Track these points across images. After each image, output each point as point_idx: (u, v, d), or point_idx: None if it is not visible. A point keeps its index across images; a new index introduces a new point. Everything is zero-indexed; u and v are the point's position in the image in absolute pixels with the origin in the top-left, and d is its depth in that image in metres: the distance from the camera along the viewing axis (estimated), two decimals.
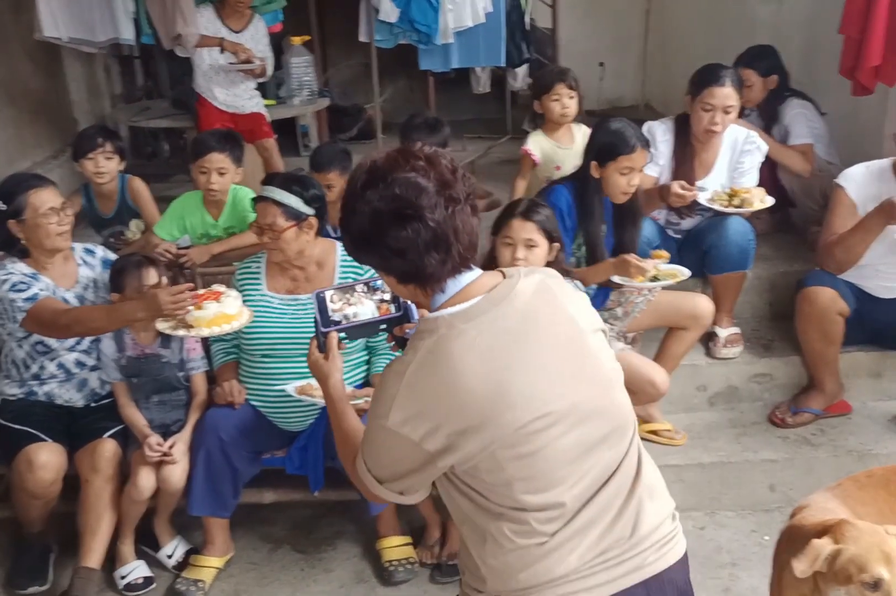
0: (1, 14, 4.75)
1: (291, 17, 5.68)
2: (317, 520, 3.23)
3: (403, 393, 1.47)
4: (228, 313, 2.64)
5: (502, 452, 1.46)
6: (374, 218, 1.49)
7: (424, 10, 4.63)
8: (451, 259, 1.50)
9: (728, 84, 3.29)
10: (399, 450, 1.50)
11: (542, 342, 1.50)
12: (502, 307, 1.50)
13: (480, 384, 1.44)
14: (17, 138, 4.87)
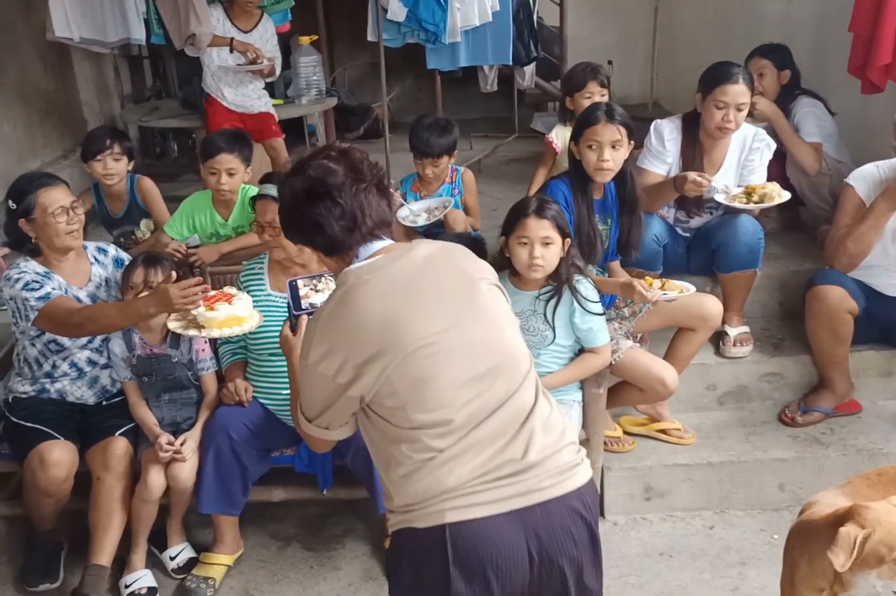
0: (12, 15, 4.77)
1: (300, 17, 5.69)
2: (326, 518, 3.24)
3: (318, 334, 1.74)
4: (240, 315, 2.65)
5: (397, 376, 1.68)
6: (293, 198, 1.82)
7: (432, 9, 4.63)
8: (359, 230, 1.79)
9: (741, 81, 3.27)
10: (318, 386, 1.76)
11: (434, 287, 1.75)
12: (401, 261, 1.77)
13: (377, 319, 1.69)
14: (28, 138, 4.89)
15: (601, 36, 7.12)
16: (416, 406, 1.69)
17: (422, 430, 1.69)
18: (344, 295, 1.74)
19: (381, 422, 1.74)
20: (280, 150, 4.67)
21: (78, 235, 2.91)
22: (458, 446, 1.68)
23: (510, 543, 1.66)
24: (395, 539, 1.79)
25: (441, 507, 1.67)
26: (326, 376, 1.72)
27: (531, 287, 2.82)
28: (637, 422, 3.37)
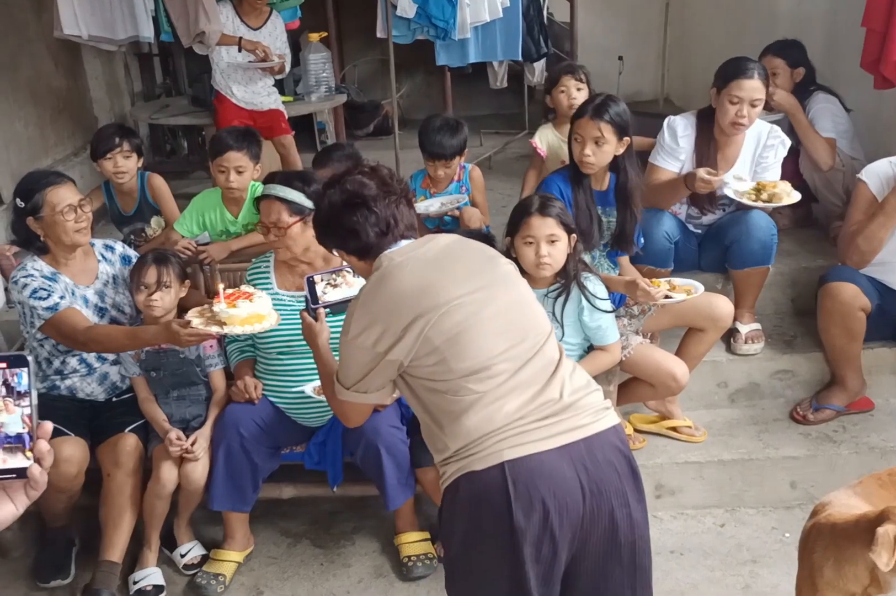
0: (23, 13, 4.78)
1: (309, 14, 5.68)
2: (336, 515, 3.24)
3: (359, 311, 1.91)
4: (261, 313, 2.64)
5: (434, 333, 1.82)
6: (332, 208, 2.05)
7: (442, 5, 4.62)
8: (391, 233, 2.01)
9: (756, 77, 3.25)
10: (358, 357, 1.90)
11: (461, 261, 1.97)
12: (427, 245, 1.99)
13: (413, 289, 1.87)
14: (39, 136, 4.90)
15: (612, 32, 7.09)
16: (456, 357, 1.82)
17: (465, 377, 1.82)
18: (381, 275, 1.93)
19: (425, 382, 1.88)
20: (290, 148, 4.67)
21: (86, 233, 2.91)
22: (501, 389, 1.82)
23: (564, 476, 1.78)
24: (451, 490, 1.86)
25: (498, 447, 1.78)
26: (366, 347, 1.87)
27: (539, 285, 2.81)
28: (648, 419, 3.36)
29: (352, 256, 2.07)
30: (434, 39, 4.84)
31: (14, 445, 1.04)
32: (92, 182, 4.92)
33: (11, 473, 1.04)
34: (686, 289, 3.03)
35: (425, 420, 1.93)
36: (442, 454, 1.89)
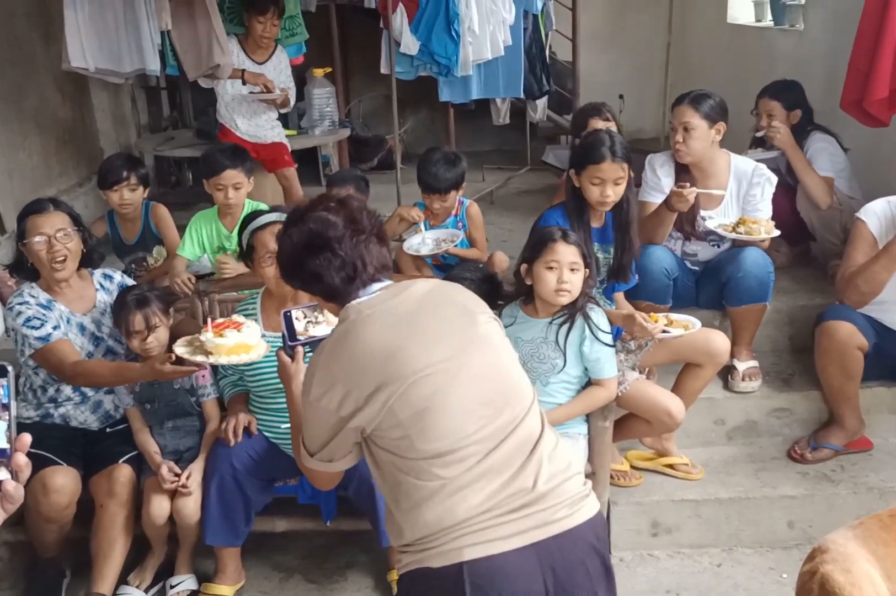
0: (31, 45, 4.86)
1: (316, 50, 5.77)
2: (329, 550, 3.21)
3: (321, 370, 1.76)
4: (248, 343, 2.64)
5: (399, 406, 1.67)
6: (293, 250, 1.86)
7: (444, 42, 4.68)
8: (359, 278, 1.83)
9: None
10: (321, 419, 1.76)
11: (434, 318, 1.78)
12: (401, 297, 1.80)
13: (379, 351, 1.70)
14: (44, 166, 4.95)
15: (614, 71, 7.19)
16: (421, 436, 1.67)
17: (428, 459, 1.67)
18: (345, 330, 1.77)
19: (387, 454, 1.72)
20: (292, 180, 4.71)
21: (61, 267, 2.87)
22: (468, 475, 1.66)
23: (527, 579, 1.63)
24: (406, 581, 1.74)
25: (458, 543, 1.63)
26: (329, 410, 1.72)
27: (543, 314, 2.81)
28: (644, 456, 3.34)
29: (319, 297, 1.92)
30: (437, 76, 4.91)
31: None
32: (97, 211, 4.96)
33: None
34: (684, 324, 3.04)
35: (384, 492, 1.80)
36: (398, 540, 1.76)
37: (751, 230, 3.31)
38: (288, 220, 1.91)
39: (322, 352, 1.78)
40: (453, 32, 4.65)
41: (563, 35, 6.41)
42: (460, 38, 4.67)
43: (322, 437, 1.78)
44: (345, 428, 1.72)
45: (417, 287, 1.85)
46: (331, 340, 1.79)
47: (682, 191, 3.19)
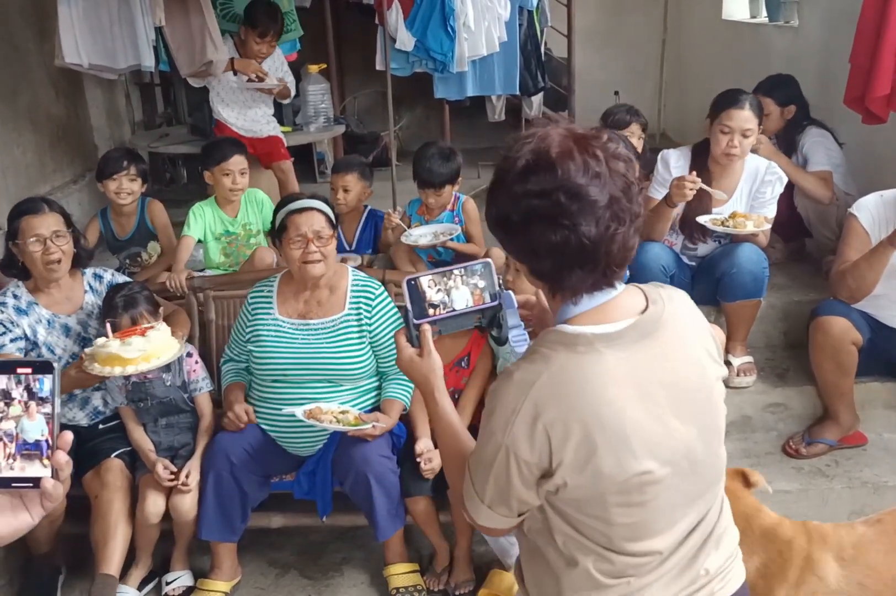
0: (24, 42, 4.84)
1: (310, 47, 5.76)
2: (325, 546, 3.21)
3: (528, 408, 1.33)
4: (157, 347, 2.58)
5: (612, 496, 1.36)
6: (525, 213, 1.33)
7: (440, 39, 4.68)
8: (593, 276, 1.36)
9: (746, 107, 3.31)
10: (510, 469, 1.37)
11: (672, 387, 1.38)
12: (646, 341, 1.37)
13: (609, 418, 1.32)
14: (38, 163, 4.93)
15: (609, 68, 7.19)
16: (624, 532, 1.40)
17: (624, 556, 1.41)
18: (570, 366, 1.35)
19: (569, 529, 1.42)
20: (289, 173, 4.71)
21: (55, 267, 2.87)
22: (655, 574, 1.44)
23: None
24: None
25: None
26: (524, 460, 1.35)
27: None
28: None
29: (523, 265, 1.44)
30: (432, 72, 4.91)
31: (32, 452, 1.01)
32: (91, 210, 4.96)
33: (28, 482, 1.00)
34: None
35: (538, 572, 1.50)
36: None
37: (737, 224, 3.31)
38: (531, 166, 1.32)
39: (533, 382, 1.34)
40: (449, 28, 4.66)
41: (558, 31, 6.41)
42: (456, 35, 4.67)
43: (505, 488, 1.40)
44: (537, 487, 1.39)
45: (662, 325, 1.39)
46: (550, 370, 1.35)
47: (683, 181, 3.19)
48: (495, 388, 1.41)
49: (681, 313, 1.44)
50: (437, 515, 2.89)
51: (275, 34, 4.57)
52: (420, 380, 1.53)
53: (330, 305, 2.86)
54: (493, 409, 1.39)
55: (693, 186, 3.20)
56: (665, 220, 3.39)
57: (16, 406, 1.01)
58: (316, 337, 2.84)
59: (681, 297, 1.48)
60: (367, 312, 2.85)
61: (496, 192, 1.38)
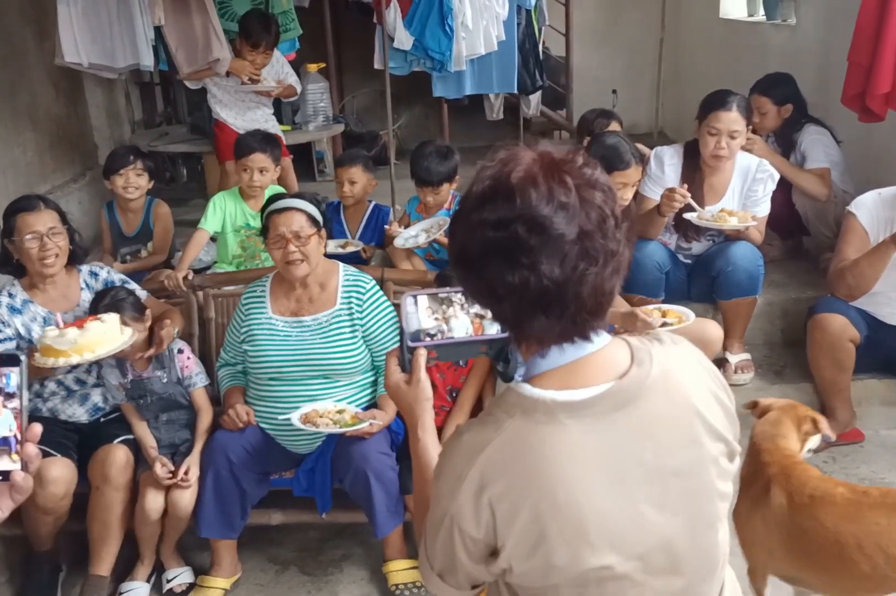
0: (24, 41, 4.85)
1: (309, 46, 5.77)
2: (324, 542, 3.22)
3: (473, 477, 1.16)
4: (55, 348, 2.58)
5: (565, 589, 1.18)
6: (481, 247, 1.14)
7: (438, 38, 4.70)
8: (560, 324, 1.14)
9: (734, 109, 3.32)
10: (454, 540, 1.21)
11: (653, 470, 1.17)
12: (622, 411, 1.16)
13: (564, 503, 1.14)
14: (39, 162, 4.94)
15: (607, 66, 7.20)
16: None
17: None
18: (525, 434, 1.16)
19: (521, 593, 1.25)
20: (288, 170, 4.73)
21: (51, 264, 2.87)
22: None
23: None
24: None
25: None
26: (471, 536, 1.19)
27: None
28: None
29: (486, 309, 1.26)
30: (430, 71, 4.92)
31: (2, 447, 1.02)
32: (91, 209, 4.98)
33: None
34: (678, 316, 3.04)
35: None
36: None
37: (718, 218, 3.31)
38: (488, 192, 1.15)
39: (481, 448, 1.17)
40: (447, 27, 4.67)
41: (556, 30, 6.43)
42: (454, 34, 4.68)
43: (451, 560, 1.24)
44: (484, 565, 1.22)
45: (646, 392, 1.17)
46: (501, 436, 1.16)
47: (674, 194, 3.21)
48: (446, 445, 1.25)
49: (675, 377, 1.21)
50: None
51: (268, 45, 4.57)
52: (404, 409, 1.39)
53: (321, 302, 2.88)
54: (441, 469, 1.23)
55: (682, 201, 3.23)
56: (657, 225, 3.41)
57: None
58: (309, 334, 2.85)
59: (682, 352, 1.26)
60: (359, 307, 2.86)
61: (454, 222, 1.21)
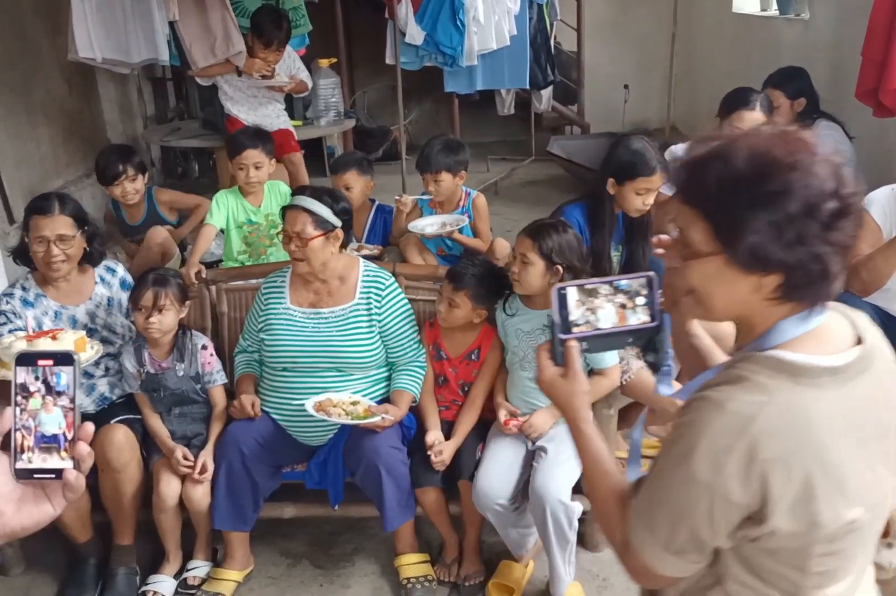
0: (37, 37, 4.87)
1: (320, 41, 5.79)
2: (336, 536, 3.24)
3: (744, 445, 1.17)
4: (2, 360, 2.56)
5: (818, 545, 1.23)
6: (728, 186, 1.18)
7: (450, 32, 4.71)
8: (826, 289, 1.21)
9: (758, 108, 3.32)
10: (714, 512, 1.21)
11: (883, 428, 1.28)
12: (863, 376, 1.24)
13: (831, 462, 1.20)
14: (52, 156, 4.97)
15: (619, 61, 7.19)
16: (816, 581, 1.27)
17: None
18: (798, 400, 1.20)
19: (746, 575, 1.28)
20: (299, 165, 4.75)
21: (56, 269, 2.87)
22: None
23: None
24: None
25: None
26: (729, 500, 1.19)
27: (539, 306, 2.84)
28: (650, 444, 3.35)
29: (731, 259, 1.21)
30: (442, 66, 4.92)
31: (51, 445, 1.02)
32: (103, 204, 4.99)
33: (50, 473, 1.02)
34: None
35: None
36: None
37: None
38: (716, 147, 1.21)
39: (754, 415, 1.18)
40: (458, 22, 4.67)
41: (567, 25, 6.42)
42: (465, 28, 4.68)
43: (690, 529, 1.24)
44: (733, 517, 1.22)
45: (876, 360, 1.27)
46: (773, 403, 1.19)
47: None
48: (694, 418, 1.22)
49: (881, 344, 1.30)
50: (446, 505, 2.91)
51: (280, 43, 4.59)
52: (561, 403, 1.38)
53: (340, 295, 2.90)
54: (693, 444, 1.20)
55: None
56: None
57: (34, 399, 1.03)
58: (326, 326, 2.87)
59: (870, 320, 1.35)
60: (377, 302, 2.88)
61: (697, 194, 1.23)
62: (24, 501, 1.02)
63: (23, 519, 1.01)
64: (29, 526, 1.02)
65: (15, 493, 1.01)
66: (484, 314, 2.94)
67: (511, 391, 2.93)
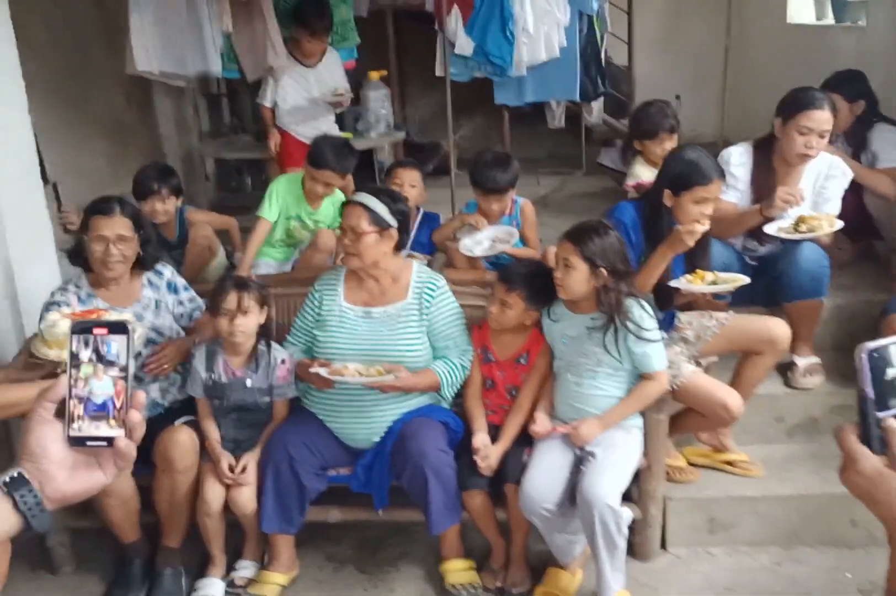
0: (95, 50, 5.00)
1: (371, 54, 5.84)
2: (382, 540, 3.22)
3: None
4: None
5: None
6: None
7: (499, 43, 4.71)
8: None
9: (826, 108, 3.23)
10: None
11: None
12: None
13: None
14: (109, 169, 5.07)
15: (671, 74, 7.13)
16: None
17: None
18: None
19: None
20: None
21: (112, 269, 2.93)
22: None
23: None
24: None
25: None
26: None
27: (584, 310, 2.80)
28: (701, 453, 3.28)
29: None
30: (491, 77, 4.93)
31: (101, 413, 1.03)
32: None
33: (102, 441, 1.03)
34: (732, 279, 2.94)
35: None
36: None
37: (814, 227, 3.20)
38: None
39: None
40: (508, 33, 4.68)
41: (618, 38, 6.40)
42: (515, 39, 4.69)
43: None
44: None
45: None
46: None
47: (789, 198, 3.14)
48: None
49: None
50: (493, 510, 2.88)
51: (325, 31, 4.66)
52: (882, 502, 1.00)
53: (393, 294, 2.92)
54: None
55: (798, 202, 3.15)
56: (744, 227, 3.32)
57: (85, 367, 1.04)
58: (378, 325, 2.88)
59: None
60: (428, 303, 2.89)
61: None
62: (77, 468, 1.03)
63: (74, 485, 1.03)
64: (80, 492, 1.03)
65: (68, 459, 1.02)
66: (536, 316, 2.91)
67: (558, 397, 2.89)
